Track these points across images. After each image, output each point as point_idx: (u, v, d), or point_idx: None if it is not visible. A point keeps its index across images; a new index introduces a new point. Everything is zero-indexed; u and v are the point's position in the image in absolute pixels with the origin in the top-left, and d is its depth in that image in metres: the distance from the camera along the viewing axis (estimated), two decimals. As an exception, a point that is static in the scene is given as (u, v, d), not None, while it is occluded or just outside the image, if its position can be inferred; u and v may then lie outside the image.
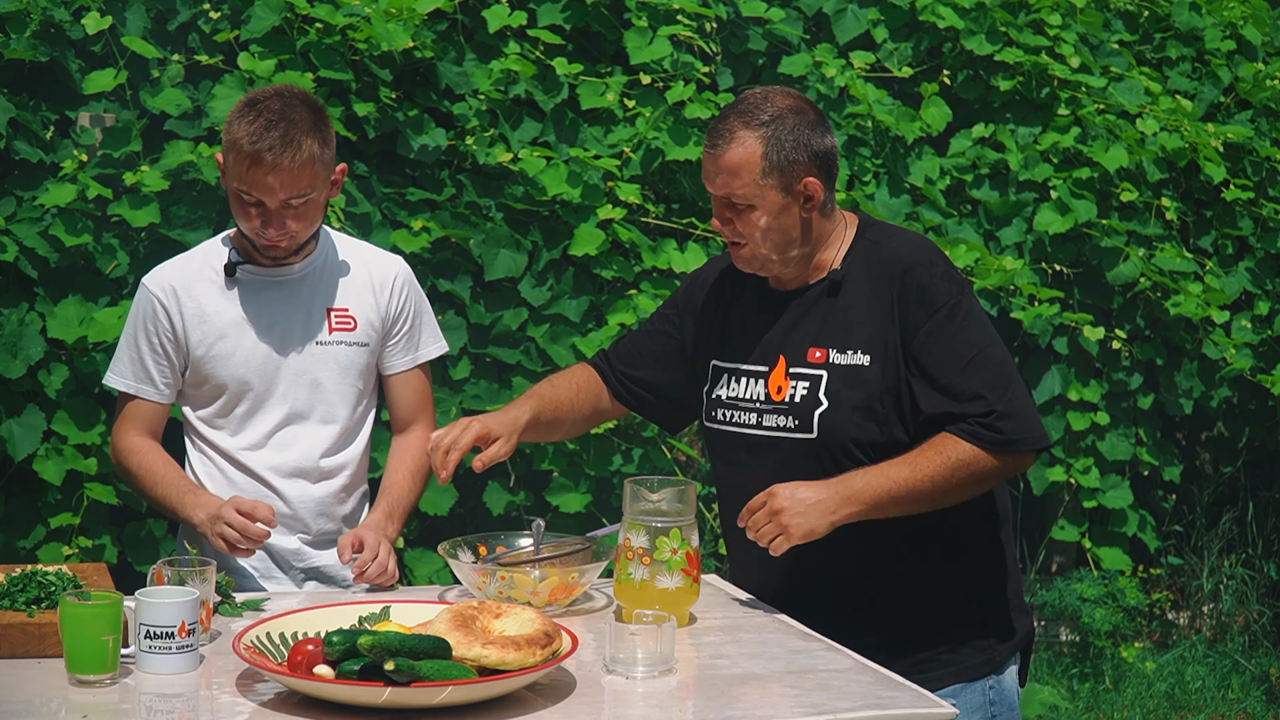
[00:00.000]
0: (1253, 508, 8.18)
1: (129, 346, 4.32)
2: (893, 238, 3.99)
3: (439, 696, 3.10)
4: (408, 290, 4.44)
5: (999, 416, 3.75)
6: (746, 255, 3.97)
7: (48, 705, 3.21)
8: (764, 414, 3.97)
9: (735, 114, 3.94)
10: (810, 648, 3.67)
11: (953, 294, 3.85)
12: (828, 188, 3.95)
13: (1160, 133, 7.75)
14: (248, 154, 4.05)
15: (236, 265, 4.29)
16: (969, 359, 3.80)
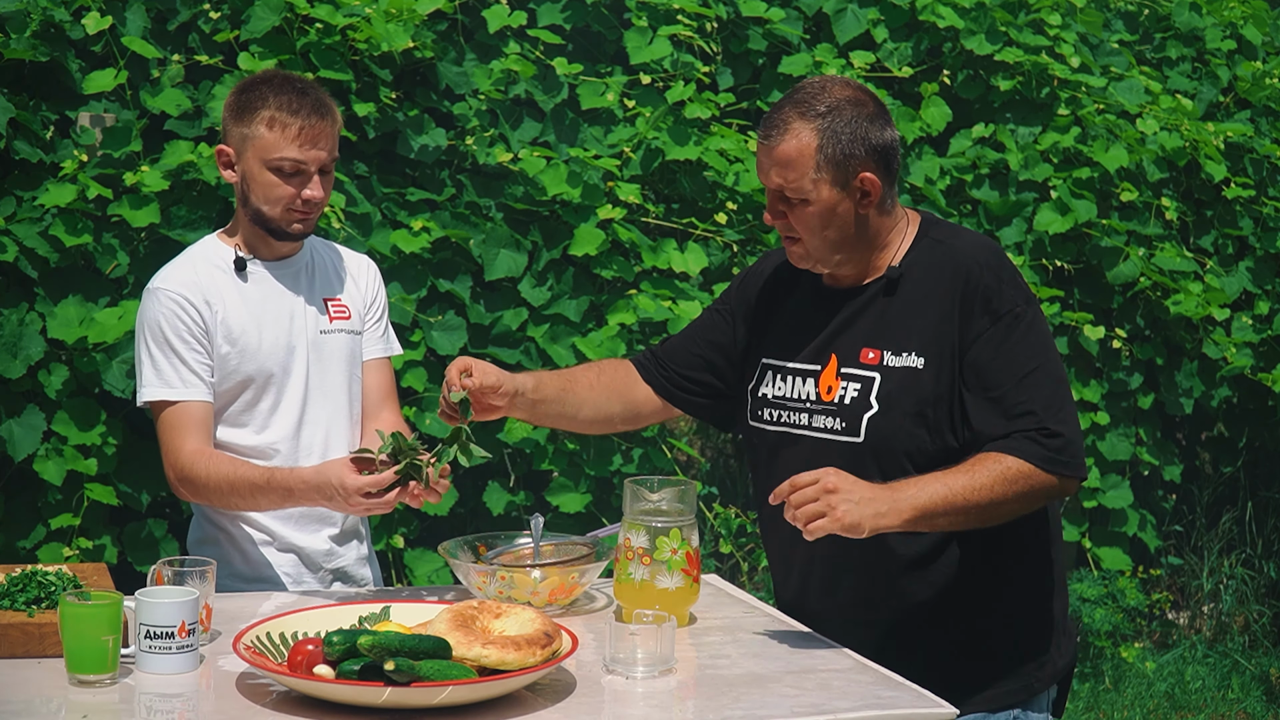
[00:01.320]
0: (1252, 507, 8.18)
1: (161, 354, 4.22)
2: (958, 237, 3.85)
3: (439, 696, 3.10)
4: (378, 282, 4.55)
5: (1050, 434, 3.62)
6: (800, 251, 3.84)
7: (48, 705, 3.21)
8: (814, 414, 3.85)
9: (791, 104, 3.78)
10: (810, 648, 3.67)
11: (1018, 302, 3.72)
12: (887, 184, 3.80)
13: (1160, 132, 7.75)
14: (293, 121, 4.16)
15: (245, 260, 4.31)
16: (1027, 373, 3.67)
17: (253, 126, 4.17)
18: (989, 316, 3.70)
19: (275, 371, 4.29)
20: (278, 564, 4.33)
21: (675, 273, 6.78)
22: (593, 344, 6.53)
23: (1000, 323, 3.69)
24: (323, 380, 4.35)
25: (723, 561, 7.12)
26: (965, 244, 3.81)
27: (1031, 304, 3.74)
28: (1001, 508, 3.61)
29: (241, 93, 4.23)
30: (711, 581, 4.19)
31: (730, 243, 6.92)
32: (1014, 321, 3.70)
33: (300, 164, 4.16)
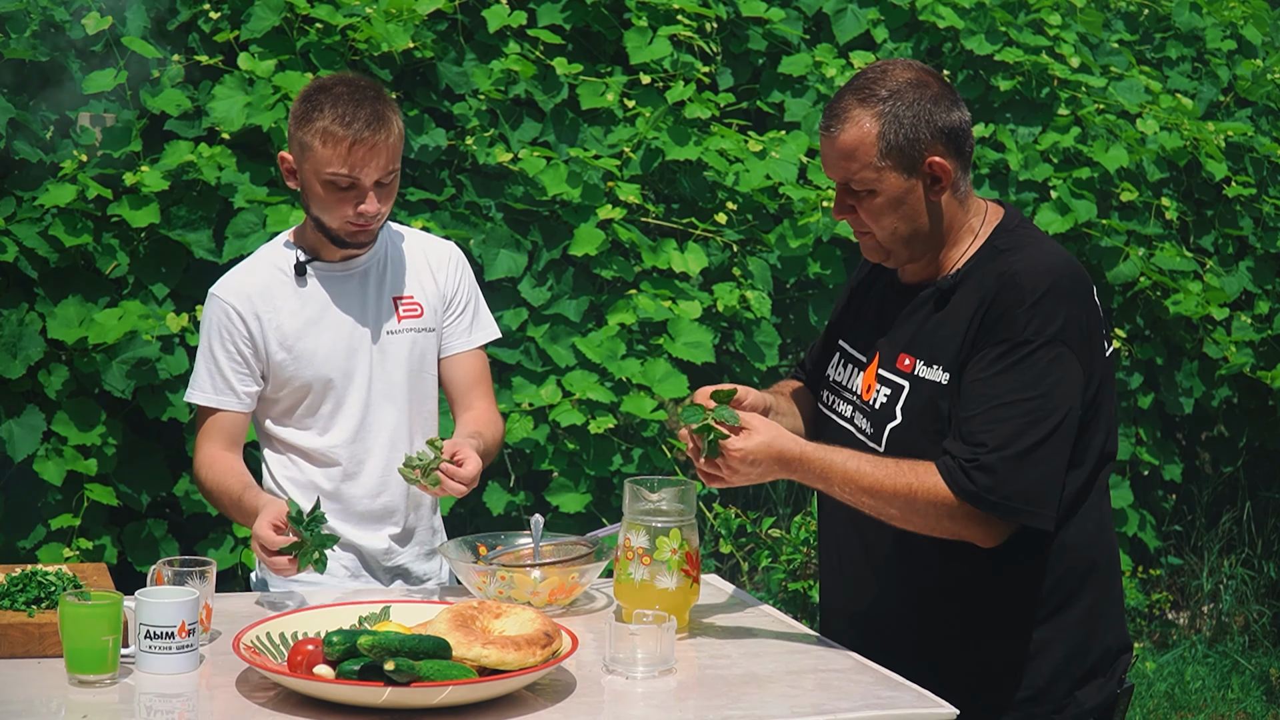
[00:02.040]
0: (1252, 507, 8.18)
1: (205, 359, 4.26)
2: (1020, 250, 3.60)
3: (439, 697, 3.10)
4: (462, 271, 4.44)
5: (979, 466, 3.42)
6: (872, 245, 3.70)
7: (48, 705, 3.21)
8: (856, 410, 3.78)
9: (850, 91, 3.62)
10: (810, 648, 3.67)
11: (1029, 332, 3.47)
12: (959, 167, 3.62)
13: (1160, 132, 7.75)
14: (345, 136, 4.06)
15: (306, 264, 4.28)
16: (1000, 404, 3.46)
17: (309, 138, 4.10)
18: (992, 338, 3.51)
19: (334, 376, 4.25)
20: (339, 560, 4.33)
21: (675, 273, 6.78)
22: (592, 344, 6.53)
23: (999, 346, 3.50)
24: (388, 383, 4.31)
25: (723, 561, 7.12)
26: (1019, 259, 3.58)
27: (1050, 338, 3.47)
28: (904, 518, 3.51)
29: (303, 100, 4.16)
30: (711, 582, 4.19)
31: (730, 243, 6.92)
32: (1011, 350, 3.48)
33: (354, 180, 4.11)
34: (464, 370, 4.42)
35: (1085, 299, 3.57)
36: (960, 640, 3.67)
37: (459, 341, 4.41)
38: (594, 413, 6.45)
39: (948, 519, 3.48)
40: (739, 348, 6.86)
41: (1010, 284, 3.51)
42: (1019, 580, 3.63)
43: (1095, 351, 3.57)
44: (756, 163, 6.93)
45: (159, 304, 6.13)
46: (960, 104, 3.64)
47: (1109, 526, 3.76)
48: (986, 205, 3.75)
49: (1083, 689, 3.67)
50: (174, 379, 6.04)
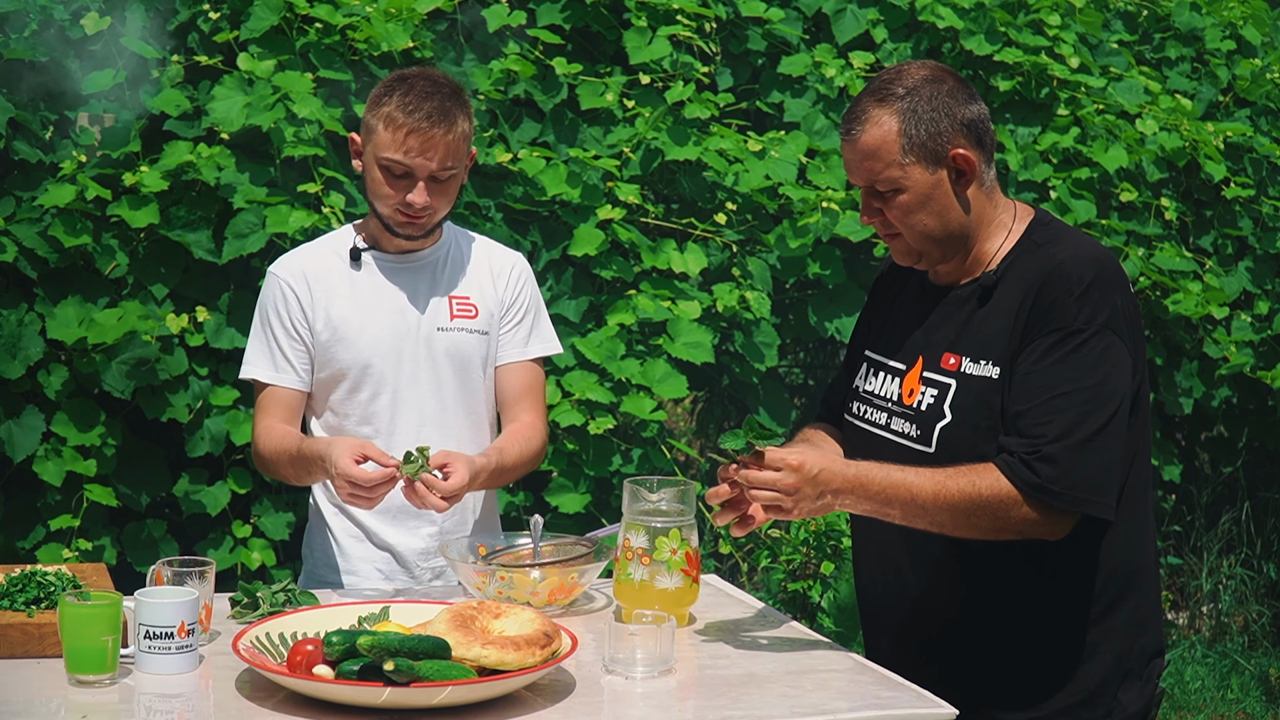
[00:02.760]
0: (1251, 508, 8.18)
1: (262, 335, 4.32)
2: (1058, 241, 3.61)
3: (438, 697, 3.10)
4: (524, 282, 4.46)
5: (1042, 457, 3.42)
6: (903, 247, 3.69)
7: (47, 705, 3.21)
8: (894, 416, 3.74)
9: (867, 93, 3.63)
10: (810, 648, 3.67)
11: (1080, 321, 3.48)
12: (983, 159, 3.64)
13: (1160, 132, 7.75)
14: (405, 123, 4.11)
15: (362, 251, 4.32)
16: (1056, 394, 3.46)
17: (374, 120, 4.17)
18: (1043, 326, 3.50)
19: (374, 364, 4.26)
20: (373, 560, 4.33)
21: (675, 273, 6.77)
22: (592, 344, 6.52)
23: (1050, 336, 3.49)
24: (432, 378, 4.31)
25: (722, 562, 7.12)
26: (1061, 250, 3.58)
27: (1099, 325, 3.48)
28: (968, 526, 3.48)
29: (382, 85, 4.23)
30: (711, 582, 4.19)
31: (729, 243, 6.92)
32: (1066, 339, 3.48)
33: (407, 168, 4.15)
34: (514, 381, 4.43)
35: (1126, 290, 3.58)
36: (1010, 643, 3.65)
37: (513, 351, 4.42)
38: (593, 413, 6.45)
39: (1013, 515, 3.46)
40: (738, 348, 6.86)
41: (1057, 274, 3.51)
42: (1070, 581, 3.61)
43: (1139, 341, 3.58)
44: (756, 163, 6.93)
45: (158, 304, 6.13)
46: (976, 98, 3.65)
47: (1152, 524, 3.75)
48: (1016, 204, 3.74)
49: (1126, 692, 3.66)
50: (173, 380, 6.04)
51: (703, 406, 8.05)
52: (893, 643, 3.76)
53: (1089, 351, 3.48)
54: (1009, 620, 3.64)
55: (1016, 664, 3.64)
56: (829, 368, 7.92)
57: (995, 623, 3.65)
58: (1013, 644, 3.65)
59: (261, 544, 6.20)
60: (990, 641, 3.66)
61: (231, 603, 3.78)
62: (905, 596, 3.78)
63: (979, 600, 3.66)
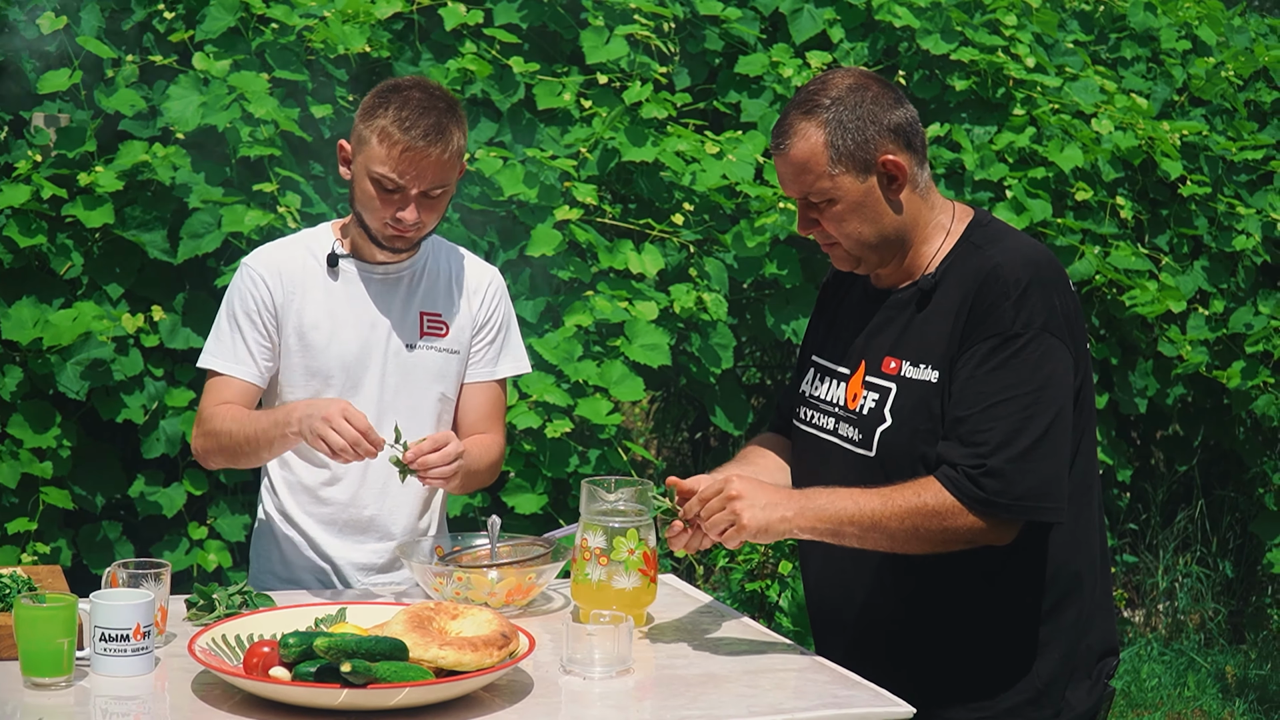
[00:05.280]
0: (1206, 506, 8.21)
1: (228, 325, 4.24)
2: (996, 243, 3.61)
3: (396, 698, 3.10)
4: (498, 300, 4.40)
5: (986, 472, 3.42)
6: (841, 254, 3.69)
7: (2, 709, 3.19)
8: (840, 421, 3.74)
9: (793, 107, 3.63)
10: (767, 647, 3.68)
11: (1018, 325, 3.47)
12: (915, 162, 3.63)
13: (1115, 132, 7.77)
14: (400, 140, 4.02)
15: (339, 257, 4.25)
16: (994, 401, 3.45)
17: (367, 132, 4.07)
18: (981, 331, 3.50)
19: (336, 375, 4.21)
20: (313, 571, 4.31)
21: (632, 273, 6.77)
22: (549, 345, 6.52)
23: (988, 341, 3.49)
24: (402, 396, 4.24)
25: (679, 562, 7.12)
26: (999, 252, 3.58)
27: (1036, 329, 3.48)
28: (918, 540, 3.48)
29: (374, 94, 4.13)
30: (668, 582, 4.19)
31: (687, 243, 6.92)
32: (1002, 344, 3.48)
33: (399, 185, 4.06)
34: (478, 399, 4.38)
35: (1065, 289, 3.59)
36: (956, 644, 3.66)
37: (482, 370, 4.37)
38: (550, 415, 6.44)
39: (959, 525, 3.46)
40: (695, 350, 6.86)
41: (993, 277, 3.52)
42: (1013, 582, 3.62)
43: (1079, 340, 3.59)
44: (713, 163, 6.93)
45: (113, 305, 6.11)
46: (904, 101, 3.65)
47: (1099, 523, 3.75)
48: (954, 205, 3.74)
49: (1074, 691, 3.67)
50: (128, 380, 6.02)
51: (659, 407, 8.05)
52: (843, 645, 3.75)
53: (1028, 356, 3.48)
54: (954, 620, 3.65)
55: (963, 664, 3.65)
56: (785, 368, 7.93)
57: (941, 623, 3.66)
58: (958, 644, 3.66)
59: (218, 546, 6.19)
60: (936, 642, 3.67)
61: (188, 605, 3.77)
62: (852, 600, 3.78)
63: (924, 601, 3.67)
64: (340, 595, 4.20)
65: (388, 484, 4.26)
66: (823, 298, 4.02)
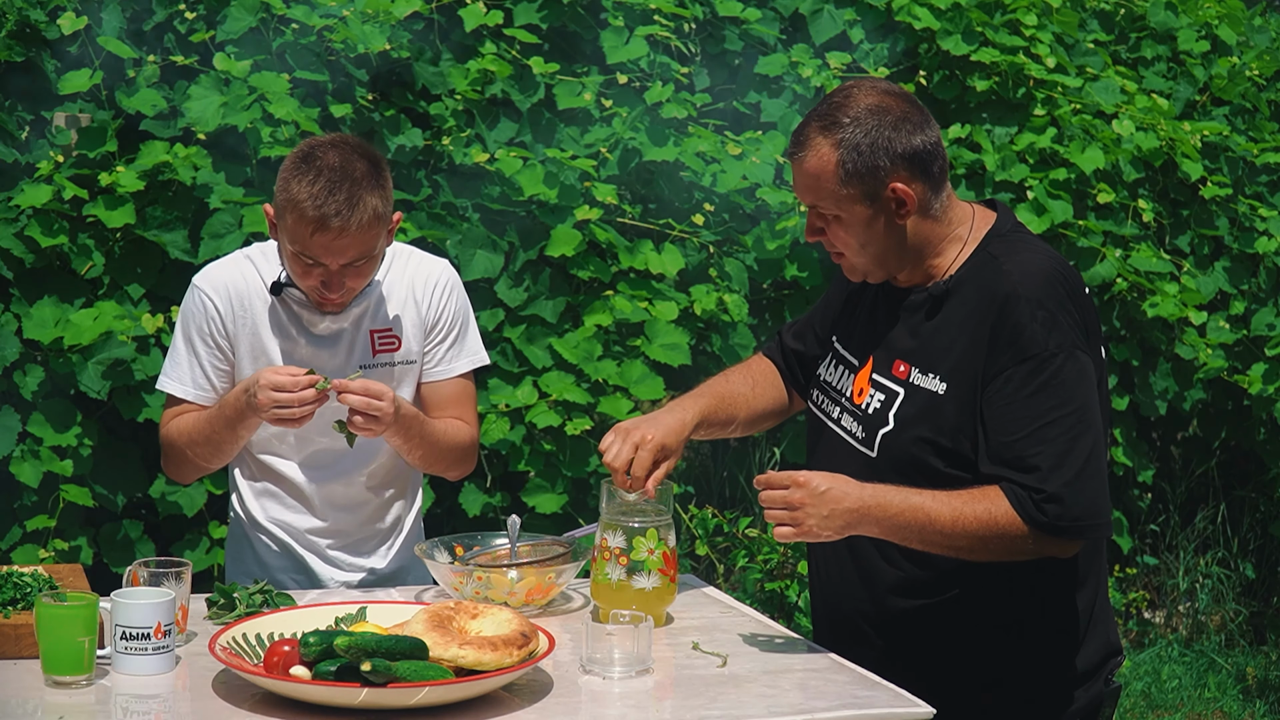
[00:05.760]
0: (1227, 507, 8.19)
1: (184, 348, 4.21)
2: (1014, 256, 3.60)
3: (416, 697, 3.10)
4: (448, 296, 4.31)
5: (1047, 498, 3.45)
6: (848, 265, 3.70)
7: (24, 706, 3.20)
8: (844, 413, 3.75)
9: (815, 117, 3.62)
10: (787, 647, 3.68)
11: (1050, 345, 3.48)
12: (929, 189, 3.61)
13: (1136, 132, 7.75)
14: (311, 219, 3.89)
15: (283, 286, 4.18)
16: (1039, 425, 3.47)
17: (284, 202, 3.96)
18: (1014, 354, 3.50)
19: None
20: (290, 572, 4.32)
21: (652, 274, 6.77)
22: (569, 345, 6.52)
23: (1024, 365, 3.49)
24: None
25: (698, 562, 7.12)
26: (1018, 267, 3.57)
27: (1067, 347, 3.50)
28: (981, 551, 3.51)
29: (293, 159, 4.00)
30: (688, 581, 4.19)
31: (707, 244, 6.92)
32: (1039, 367, 3.48)
33: (318, 261, 3.98)
34: (441, 394, 4.33)
35: (1082, 298, 3.60)
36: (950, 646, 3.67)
37: (438, 369, 4.32)
38: (570, 414, 6.44)
39: (1028, 546, 3.50)
40: (715, 350, 6.86)
41: (1015, 298, 3.52)
42: (1012, 587, 3.62)
43: (1096, 347, 3.61)
44: (734, 163, 6.92)
45: (134, 304, 6.12)
46: (926, 125, 3.62)
47: None
48: (974, 210, 3.72)
49: (1072, 691, 3.68)
50: (149, 379, 6.02)
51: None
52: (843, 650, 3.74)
53: (1065, 377, 3.49)
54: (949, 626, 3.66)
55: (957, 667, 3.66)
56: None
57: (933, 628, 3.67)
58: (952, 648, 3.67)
59: (238, 545, 6.19)
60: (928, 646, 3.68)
61: (208, 603, 3.78)
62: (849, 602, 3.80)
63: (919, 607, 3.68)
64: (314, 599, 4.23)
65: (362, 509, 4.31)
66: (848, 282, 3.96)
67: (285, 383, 3.90)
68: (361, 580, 4.33)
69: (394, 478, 4.37)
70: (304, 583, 4.29)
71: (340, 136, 4.11)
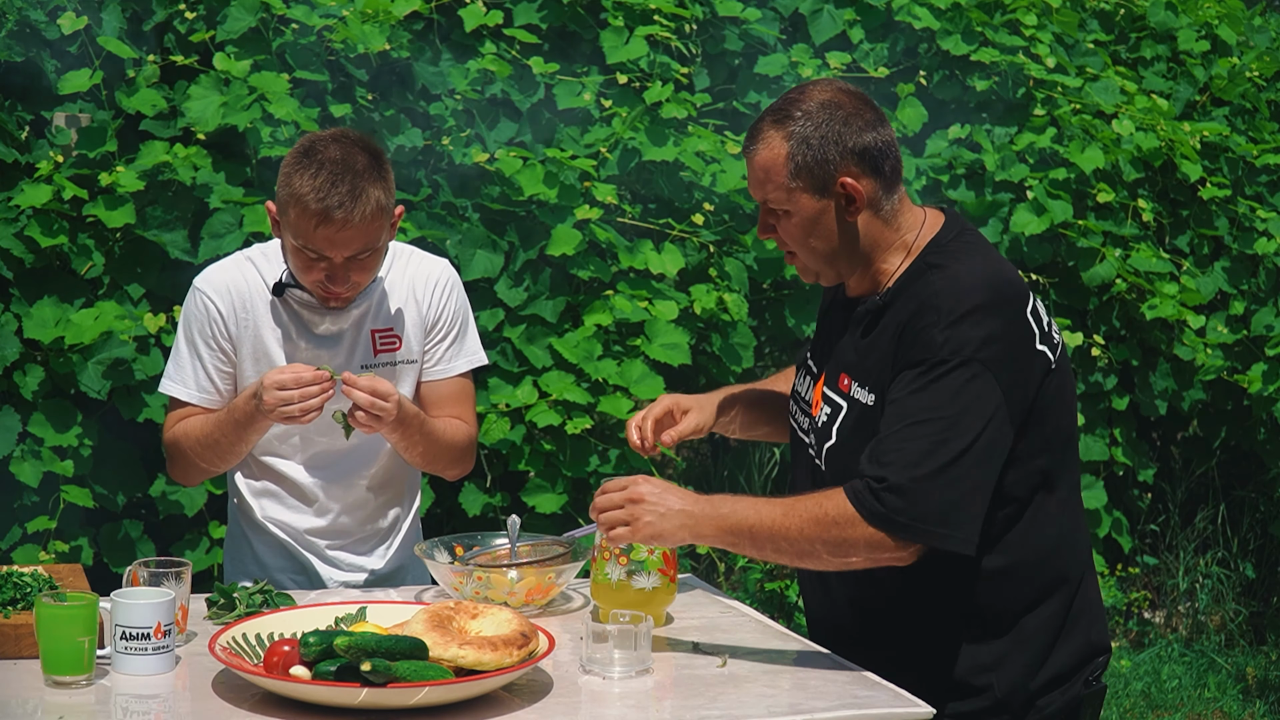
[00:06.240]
0: (1226, 507, 8.20)
1: (187, 350, 4.21)
2: (946, 266, 3.54)
3: (416, 697, 3.10)
4: (448, 296, 4.32)
5: (888, 487, 3.36)
6: (799, 265, 3.69)
7: (23, 706, 3.20)
8: (810, 423, 3.74)
9: (769, 112, 3.60)
10: (787, 647, 3.68)
11: (947, 352, 3.41)
12: (879, 186, 3.57)
13: (1136, 132, 7.75)
14: (314, 212, 3.89)
15: (285, 286, 4.18)
16: (909, 423, 3.40)
17: (287, 197, 3.96)
18: (911, 357, 3.46)
19: None
20: (289, 572, 4.32)
21: (652, 273, 6.77)
22: (569, 345, 6.52)
23: (916, 368, 3.44)
24: None
25: (698, 562, 7.12)
26: (943, 276, 3.52)
27: (967, 359, 3.41)
28: (819, 553, 3.44)
29: (294, 154, 4.01)
30: (688, 581, 4.19)
31: (707, 243, 6.92)
32: (928, 370, 3.42)
33: (322, 254, 3.98)
34: (440, 393, 4.33)
35: (1013, 315, 3.51)
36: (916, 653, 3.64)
37: (437, 369, 4.32)
38: (570, 413, 6.45)
39: (856, 535, 3.41)
40: (715, 350, 6.86)
41: (929, 304, 3.47)
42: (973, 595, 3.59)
43: (1023, 370, 3.50)
44: (733, 163, 6.92)
45: (135, 304, 6.12)
46: (879, 124, 3.60)
47: (1072, 539, 3.70)
48: (925, 215, 3.69)
49: (1044, 696, 3.64)
50: (149, 380, 6.03)
51: (680, 406, 8.03)
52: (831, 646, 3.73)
53: (950, 383, 3.41)
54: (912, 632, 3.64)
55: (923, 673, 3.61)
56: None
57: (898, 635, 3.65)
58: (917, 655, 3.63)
59: (238, 545, 6.20)
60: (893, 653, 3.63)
61: (208, 603, 3.78)
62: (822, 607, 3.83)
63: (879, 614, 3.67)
64: None
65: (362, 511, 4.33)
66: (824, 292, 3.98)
67: (288, 380, 3.91)
68: (362, 580, 4.33)
69: (394, 478, 4.38)
70: (303, 583, 4.29)
71: (341, 131, 4.11)
